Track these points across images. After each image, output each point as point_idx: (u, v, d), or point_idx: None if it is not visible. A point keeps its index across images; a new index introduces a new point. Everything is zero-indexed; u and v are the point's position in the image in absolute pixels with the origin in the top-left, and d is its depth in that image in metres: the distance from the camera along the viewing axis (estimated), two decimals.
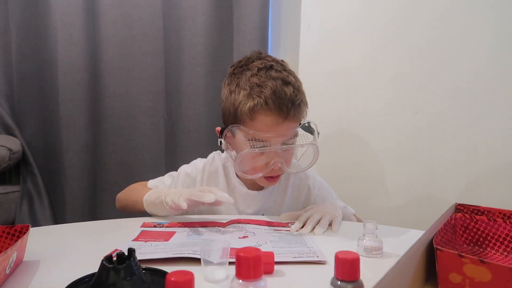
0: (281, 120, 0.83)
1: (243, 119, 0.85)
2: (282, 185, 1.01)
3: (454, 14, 1.43)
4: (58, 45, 1.57)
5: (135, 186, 1.04)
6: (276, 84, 0.83)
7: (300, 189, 1.03)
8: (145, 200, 0.90)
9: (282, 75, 0.86)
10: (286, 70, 0.90)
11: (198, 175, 1.01)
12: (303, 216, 0.83)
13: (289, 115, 0.83)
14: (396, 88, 1.53)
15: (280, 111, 0.82)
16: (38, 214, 1.59)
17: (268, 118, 0.83)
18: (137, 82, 1.63)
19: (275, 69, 0.87)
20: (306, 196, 1.03)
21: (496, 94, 1.40)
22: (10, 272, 0.57)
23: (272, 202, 1.00)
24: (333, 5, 1.60)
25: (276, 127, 0.83)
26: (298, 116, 0.86)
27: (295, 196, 1.02)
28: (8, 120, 1.59)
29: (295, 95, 0.84)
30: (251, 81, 0.85)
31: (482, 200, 1.39)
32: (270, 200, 1.00)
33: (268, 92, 0.82)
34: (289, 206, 1.01)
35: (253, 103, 0.83)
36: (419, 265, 0.50)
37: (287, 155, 0.88)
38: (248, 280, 0.41)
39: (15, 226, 0.65)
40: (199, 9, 1.59)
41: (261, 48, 1.59)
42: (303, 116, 0.90)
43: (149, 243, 0.71)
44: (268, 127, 0.83)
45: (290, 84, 0.85)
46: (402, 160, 1.54)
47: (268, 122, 0.83)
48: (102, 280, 0.47)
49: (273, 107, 0.82)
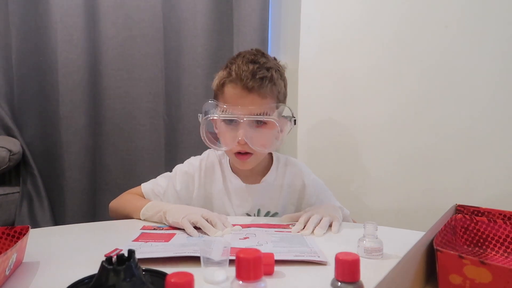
0: (245, 92, 0.88)
1: (217, 94, 0.94)
2: (278, 181, 1.02)
3: (455, 16, 1.43)
4: (58, 47, 1.57)
5: (127, 196, 1.01)
6: (243, 60, 0.91)
7: (295, 185, 1.03)
8: (142, 214, 0.90)
9: (255, 58, 0.92)
10: (265, 57, 0.94)
11: (195, 172, 1.02)
12: (303, 217, 0.84)
13: (253, 88, 0.87)
14: (396, 89, 1.53)
15: (241, 82, 0.87)
16: (38, 215, 1.59)
17: (233, 90, 0.89)
18: (137, 83, 1.63)
19: (253, 54, 0.94)
20: (301, 193, 1.03)
21: (496, 95, 1.40)
22: (10, 274, 0.56)
23: (269, 198, 1.01)
24: (333, 7, 1.60)
25: (241, 100, 0.88)
26: (263, 92, 0.88)
27: (290, 191, 1.03)
28: (8, 121, 1.59)
29: (259, 70, 0.88)
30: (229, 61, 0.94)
31: (482, 201, 1.39)
32: (266, 195, 1.01)
33: (234, 66, 0.90)
34: (285, 202, 1.02)
35: (221, 76, 0.92)
36: (419, 266, 0.50)
37: (258, 134, 0.89)
38: (248, 281, 0.41)
39: (15, 227, 0.65)
40: (199, 11, 1.59)
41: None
42: (274, 96, 0.91)
43: (149, 243, 0.71)
44: (234, 99, 0.89)
45: (258, 63, 0.90)
46: (402, 161, 1.54)
47: (233, 94, 0.89)
48: (102, 282, 0.47)
49: (236, 78, 0.88)
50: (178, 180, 1.02)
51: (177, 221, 0.80)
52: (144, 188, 1.02)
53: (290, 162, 1.06)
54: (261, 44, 1.61)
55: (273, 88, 0.90)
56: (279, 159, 1.05)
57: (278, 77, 0.92)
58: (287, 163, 1.05)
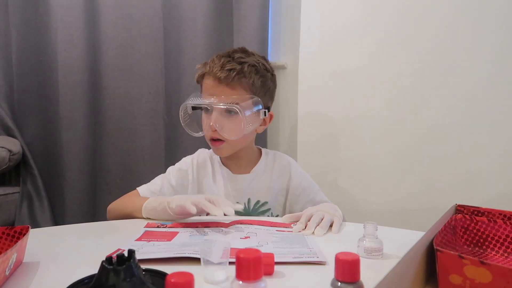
0: (216, 83, 0.96)
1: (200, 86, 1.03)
2: (267, 171, 1.07)
3: (455, 16, 1.43)
4: (58, 47, 1.57)
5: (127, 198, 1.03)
6: (218, 55, 0.99)
7: (283, 176, 1.07)
8: (145, 208, 0.90)
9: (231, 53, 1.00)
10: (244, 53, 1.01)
11: (189, 168, 1.08)
12: (304, 216, 0.84)
13: (221, 79, 0.94)
14: (396, 89, 1.53)
15: (212, 74, 0.96)
16: (38, 215, 1.59)
17: (207, 81, 0.98)
18: (137, 83, 1.63)
19: (234, 50, 1.02)
20: (287, 184, 1.07)
21: (497, 95, 1.40)
22: (9, 274, 0.56)
23: (258, 187, 1.05)
24: (333, 7, 1.60)
25: (213, 90, 0.97)
26: (231, 83, 0.95)
27: (280, 182, 1.07)
28: (8, 122, 1.59)
29: (228, 63, 0.96)
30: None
31: (482, 201, 1.39)
32: (255, 184, 1.05)
33: (209, 60, 0.99)
34: (275, 192, 1.06)
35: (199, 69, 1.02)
36: (419, 266, 0.50)
37: (228, 122, 0.96)
38: (248, 281, 0.41)
39: (15, 227, 0.65)
40: (199, 11, 1.59)
41: (261, 50, 1.60)
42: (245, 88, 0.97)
43: (152, 243, 0.72)
44: (207, 89, 0.98)
45: (231, 57, 0.98)
46: (402, 161, 1.54)
47: (207, 85, 0.99)
48: (102, 282, 0.47)
49: (209, 70, 0.97)
50: (173, 177, 1.06)
51: (180, 203, 0.82)
52: (141, 189, 1.03)
53: (278, 156, 1.11)
54: (261, 44, 1.61)
55: (243, 80, 0.96)
56: (268, 153, 1.11)
57: (251, 71, 0.97)
58: (275, 157, 1.10)
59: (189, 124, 1.04)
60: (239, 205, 0.83)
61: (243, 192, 1.04)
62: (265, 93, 1.02)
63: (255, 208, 1.03)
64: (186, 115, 1.04)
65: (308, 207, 0.95)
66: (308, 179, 1.10)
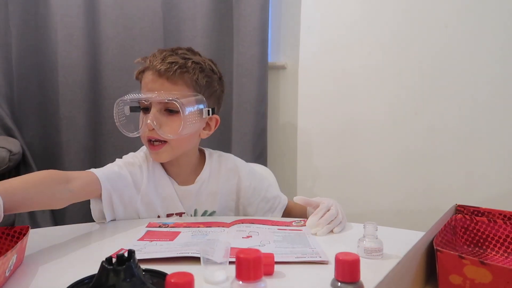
0: (156, 77, 0.89)
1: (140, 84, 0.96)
2: (214, 176, 0.98)
3: (454, 16, 1.43)
4: (58, 46, 1.57)
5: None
6: (160, 50, 0.93)
7: (231, 179, 0.99)
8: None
9: (176, 49, 0.93)
10: (190, 52, 0.95)
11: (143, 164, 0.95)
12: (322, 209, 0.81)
13: (162, 72, 0.87)
14: (396, 89, 1.53)
15: (153, 67, 0.89)
16: (38, 215, 1.59)
17: (147, 75, 0.91)
18: (137, 83, 1.63)
19: (178, 47, 0.95)
20: (238, 186, 0.99)
21: (496, 95, 1.40)
22: (9, 274, 0.56)
23: (204, 197, 0.97)
24: (333, 7, 1.60)
25: (152, 84, 0.89)
26: (172, 77, 0.88)
27: (228, 186, 0.99)
28: (8, 122, 1.59)
29: (170, 56, 0.90)
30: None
31: (482, 201, 1.39)
32: (201, 195, 0.96)
33: (150, 55, 0.92)
34: (224, 198, 0.98)
35: (139, 64, 0.95)
36: (419, 266, 0.50)
37: (167, 120, 0.88)
38: (248, 281, 0.41)
39: (15, 227, 0.65)
40: (199, 11, 1.59)
41: (261, 50, 1.60)
42: (187, 84, 0.89)
43: (154, 242, 0.72)
44: (146, 84, 0.91)
45: (174, 52, 0.92)
46: (402, 161, 1.54)
47: (146, 80, 0.91)
48: (102, 282, 0.47)
49: (149, 64, 0.90)
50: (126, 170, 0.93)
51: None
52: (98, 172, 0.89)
53: (224, 158, 1.02)
54: (261, 44, 1.61)
55: (185, 76, 0.89)
56: (212, 155, 1.01)
57: (195, 68, 0.90)
58: (220, 159, 1.01)
59: (124, 124, 0.93)
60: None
61: (188, 204, 0.95)
62: (211, 95, 0.94)
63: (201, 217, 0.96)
64: (121, 115, 0.94)
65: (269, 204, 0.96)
66: (257, 177, 1.03)
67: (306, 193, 1.70)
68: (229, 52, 1.64)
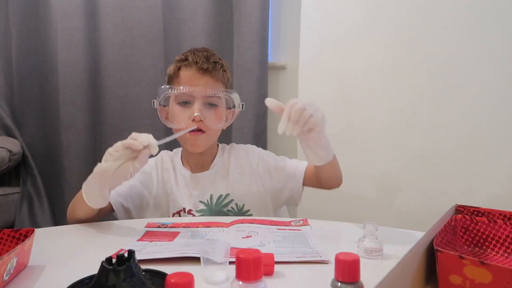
0: (200, 74, 0.95)
1: (172, 79, 1.00)
2: (225, 165, 1.05)
3: (455, 16, 1.43)
4: (58, 47, 1.57)
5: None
6: (197, 49, 1.00)
7: (243, 165, 1.05)
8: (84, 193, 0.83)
9: (207, 49, 1.01)
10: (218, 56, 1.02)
11: (152, 170, 1.05)
12: (285, 112, 0.78)
13: (207, 70, 0.95)
14: (396, 90, 1.53)
15: (196, 64, 0.95)
16: (38, 215, 1.59)
17: (189, 73, 0.96)
18: (137, 84, 1.63)
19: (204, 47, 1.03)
20: (250, 170, 1.05)
21: (496, 96, 1.40)
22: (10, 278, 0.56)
23: (218, 183, 1.03)
24: (333, 7, 1.60)
25: (196, 81, 0.95)
26: (216, 75, 0.97)
27: (239, 172, 1.04)
28: (8, 122, 1.59)
29: (212, 56, 0.98)
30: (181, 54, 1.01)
31: (483, 202, 1.39)
32: (215, 180, 1.03)
33: (189, 53, 0.98)
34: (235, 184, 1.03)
35: (177, 62, 0.99)
36: (420, 266, 0.50)
37: (211, 112, 0.96)
38: (248, 281, 0.41)
39: (20, 230, 0.65)
40: (199, 11, 1.59)
41: (261, 50, 1.60)
42: (224, 82, 1.00)
43: (154, 243, 0.72)
44: (189, 80, 0.96)
45: (209, 52, 1.00)
46: (402, 161, 1.54)
47: (189, 75, 0.96)
48: (102, 282, 0.47)
49: (191, 62, 0.96)
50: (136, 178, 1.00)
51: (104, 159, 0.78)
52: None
53: (234, 148, 1.09)
54: (261, 44, 1.61)
55: (224, 74, 0.99)
56: (224, 148, 1.09)
57: (227, 67, 1.02)
58: (231, 150, 1.08)
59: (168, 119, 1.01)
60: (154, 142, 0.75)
61: (204, 190, 1.02)
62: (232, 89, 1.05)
63: (218, 202, 1.01)
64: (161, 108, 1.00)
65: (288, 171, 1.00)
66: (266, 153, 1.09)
67: (306, 193, 1.69)
68: (229, 52, 1.64)
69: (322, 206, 1.67)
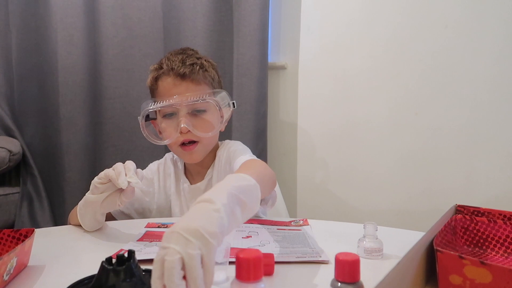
0: (179, 81, 0.89)
1: (153, 91, 0.95)
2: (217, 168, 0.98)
3: (454, 16, 1.43)
4: (58, 46, 1.57)
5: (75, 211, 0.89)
6: (172, 53, 0.93)
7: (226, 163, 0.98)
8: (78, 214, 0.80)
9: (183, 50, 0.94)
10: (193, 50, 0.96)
11: (154, 176, 1.02)
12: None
13: (185, 75, 0.88)
14: (396, 90, 1.53)
15: (173, 71, 0.89)
16: (38, 215, 1.59)
17: (166, 82, 0.90)
18: (138, 83, 1.63)
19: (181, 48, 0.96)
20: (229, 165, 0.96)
21: (496, 95, 1.40)
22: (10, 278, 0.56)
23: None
24: (333, 7, 1.60)
25: (176, 89, 0.88)
26: (196, 78, 0.89)
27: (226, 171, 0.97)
28: (8, 122, 1.59)
29: (188, 58, 0.91)
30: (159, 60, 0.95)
31: (482, 201, 1.39)
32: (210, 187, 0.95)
33: (164, 59, 0.92)
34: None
35: (153, 72, 0.94)
36: (419, 266, 0.50)
37: (199, 120, 0.89)
38: (248, 281, 0.41)
39: (21, 230, 0.65)
40: (199, 11, 1.59)
41: (261, 50, 1.60)
42: (208, 82, 0.92)
43: (154, 243, 0.72)
44: (168, 89, 0.89)
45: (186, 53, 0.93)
46: (402, 161, 1.54)
47: (167, 85, 0.90)
48: (102, 282, 0.47)
49: (167, 69, 0.90)
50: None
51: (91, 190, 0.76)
52: None
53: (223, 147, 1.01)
54: (261, 44, 1.61)
55: (206, 74, 0.92)
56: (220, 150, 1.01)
57: (209, 65, 0.94)
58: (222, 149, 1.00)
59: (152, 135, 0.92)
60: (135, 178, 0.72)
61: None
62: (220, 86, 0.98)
63: None
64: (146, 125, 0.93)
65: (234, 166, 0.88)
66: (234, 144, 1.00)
67: (306, 193, 1.70)
68: (229, 52, 1.64)
69: (322, 206, 1.67)
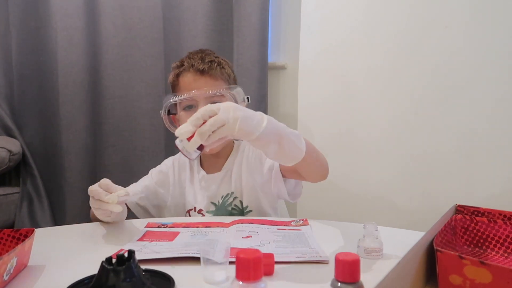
0: (198, 76, 0.96)
1: (174, 87, 1.02)
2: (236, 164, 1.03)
3: (455, 16, 1.43)
4: (58, 47, 1.57)
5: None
6: (192, 52, 1.01)
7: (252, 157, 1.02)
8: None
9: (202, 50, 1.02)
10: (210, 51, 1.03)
11: (169, 170, 1.08)
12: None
13: (204, 71, 0.95)
14: (396, 90, 1.53)
15: (193, 67, 0.96)
16: (38, 215, 1.59)
17: (186, 78, 0.97)
18: (137, 84, 1.63)
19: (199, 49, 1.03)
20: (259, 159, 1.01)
21: (496, 96, 1.40)
22: (10, 278, 0.56)
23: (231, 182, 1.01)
24: (333, 7, 1.60)
25: (195, 83, 0.96)
26: (215, 74, 0.96)
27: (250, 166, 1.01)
28: (8, 122, 1.59)
29: (207, 56, 0.98)
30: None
31: (482, 202, 1.39)
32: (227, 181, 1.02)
33: (185, 58, 1.00)
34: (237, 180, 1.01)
35: (175, 69, 1.00)
36: (420, 266, 0.50)
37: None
38: (248, 281, 0.41)
39: (21, 230, 0.65)
40: (199, 11, 1.59)
41: (261, 50, 1.60)
42: (224, 79, 0.99)
43: (154, 243, 0.72)
44: (188, 84, 0.97)
45: (204, 52, 1.00)
46: (402, 161, 1.54)
47: (187, 80, 0.97)
48: (102, 282, 0.47)
49: (187, 66, 0.97)
50: (154, 178, 1.08)
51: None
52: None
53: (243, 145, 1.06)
54: (261, 44, 1.61)
55: (222, 71, 0.99)
56: (238, 146, 1.07)
57: (225, 63, 1.01)
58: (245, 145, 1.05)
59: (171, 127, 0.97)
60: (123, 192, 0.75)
61: (215, 191, 1.02)
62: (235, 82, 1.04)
63: (223, 202, 1.01)
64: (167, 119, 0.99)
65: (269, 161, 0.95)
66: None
67: (306, 194, 1.69)
68: (229, 52, 1.64)
69: (322, 206, 1.67)
